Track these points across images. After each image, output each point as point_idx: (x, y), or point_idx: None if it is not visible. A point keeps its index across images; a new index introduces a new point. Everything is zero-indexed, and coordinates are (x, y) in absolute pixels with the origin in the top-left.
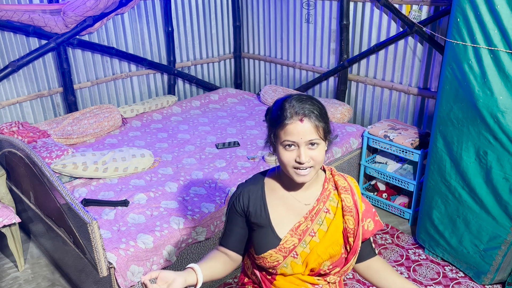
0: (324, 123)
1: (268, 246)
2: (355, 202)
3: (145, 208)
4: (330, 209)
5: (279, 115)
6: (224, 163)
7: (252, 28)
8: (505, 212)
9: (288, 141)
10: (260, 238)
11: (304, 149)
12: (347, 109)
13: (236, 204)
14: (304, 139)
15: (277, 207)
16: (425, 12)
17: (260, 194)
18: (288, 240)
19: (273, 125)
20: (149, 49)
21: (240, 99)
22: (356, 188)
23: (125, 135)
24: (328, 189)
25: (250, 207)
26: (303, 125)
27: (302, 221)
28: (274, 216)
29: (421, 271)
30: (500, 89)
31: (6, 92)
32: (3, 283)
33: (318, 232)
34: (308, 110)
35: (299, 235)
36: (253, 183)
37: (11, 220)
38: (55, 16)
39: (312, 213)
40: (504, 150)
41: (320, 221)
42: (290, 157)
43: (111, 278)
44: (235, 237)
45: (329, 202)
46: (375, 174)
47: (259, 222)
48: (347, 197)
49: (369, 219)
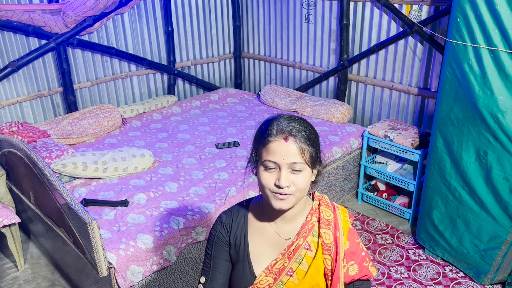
0: (312, 147)
1: (242, 283)
2: (335, 239)
3: (145, 208)
4: (312, 245)
5: (264, 131)
6: (224, 163)
7: (252, 28)
8: (505, 212)
9: (269, 161)
10: (236, 273)
11: (285, 172)
12: (347, 109)
13: (224, 233)
14: (287, 160)
15: (257, 240)
16: (425, 12)
17: (242, 225)
18: (263, 280)
19: (256, 142)
20: (149, 49)
21: (240, 99)
22: (343, 223)
23: (125, 135)
24: (311, 222)
25: (231, 237)
26: (287, 144)
27: (279, 258)
28: (253, 250)
29: (421, 271)
30: (500, 89)
31: (6, 92)
32: (3, 283)
33: (297, 272)
34: (296, 130)
35: (274, 274)
36: (237, 211)
37: (11, 220)
38: (55, 16)
39: (291, 250)
40: (504, 150)
41: (300, 259)
42: (270, 179)
43: (111, 278)
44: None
45: (311, 237)
46: (375, 174)
47: (237, 255)
48: (326, 233)
49: (352, 261)
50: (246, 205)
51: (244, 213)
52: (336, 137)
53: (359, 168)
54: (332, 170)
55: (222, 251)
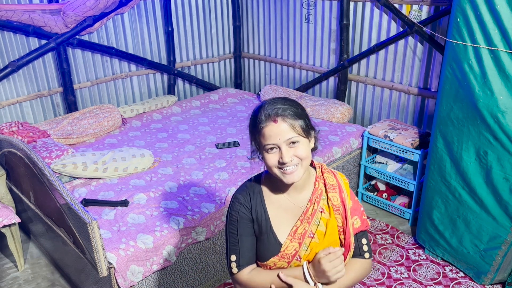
0: (301, 120)
1: (271, 253)
2: (342, 200)
3: (145, 208)
4: (325, 209)
5: (255, 121)
6: (224, 163)
7: (252, 28)
8: (505, 212)
9: (269, 145)
10: (262, 245)
11: (285, 149)
12: (347, 109)
13: (246, 211)
14: (283, 139)
15: (275, 212)
16: (425, 12)
17: (260, 200)
18: (289, 246)
19: (252, 132)
20: (149, 49)
21: (240, 99)
22: (345, 185)
23: (125, 135)
24: (319, 188)
25: (252, 213)
26: (278, 125)
27: (298, 225)
28: (274, 220)
29: (421, 271)
30: (500, 89)
31: (6, 92)
32: (3, 283)
33: (317, 233)
34: (281, 109)
35: (298, 239)
36: (250, 188)
37: (11, 220)
38: (55, 16)
39: (308, 215)
40: (504, 150)
41: (317, 222)
42: (274, 159)
43: (111, 278)
44: (253, 250)
45: (322, 201)
46: (375, 174)
47: (260, 228)
48: (334, 196)
49: (355, 216)
50: (258, 181)
51: (259, 190)
52: (336, 137)
53: (359, 168)
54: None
55: (246, 228)
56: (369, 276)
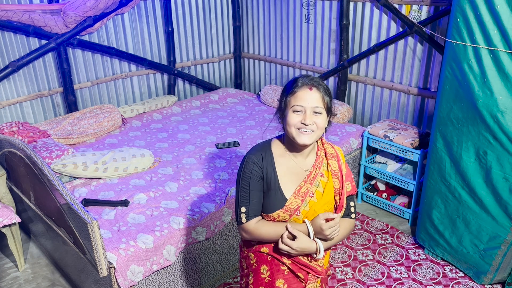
0: (329, 97)
1: (276, 206)
2: (339, 167)
3: (145, 208)
4: (324, 173)
5: (291, 84)
6: (224, 163)
7: (252, 28)
8: (505, 212)
9: (298, 105)
10: (269, 199)
11: (310, 113)
12: (347, 109)
13: (258, 169)
14: (311, 104)
15: (283, 172)
16: (425, 12)
17: (271, 160)
18: (293, 202)
19: (284, 93)
20: (149, 49)
21: (240, 99)
22: (341, 155)
23: (125, 135)
24: (321, 156)
25: (263, 171)
26: (311, 92)
27: (302, 185)
28: (282, 179)
29: (421, 271)
30: (500, 89)
31: (6, 92)
32: (3, 283)
33: (316, 193)
34: (317, 82)
35: (301, 196)
36: (263, 150)
37: (11, 220)
38: (55, 16)
39: (311, 177)
40: (504, 150)
41: (317, 184)
42: (296, 119)
43: (111, 278)
44: (260, 203)
45: (323, 167)
46: (375, 174)
47: (269, 185)
48: (333, 163)
49: (348, 181)
50: (268, 145)
51: (270, 152)
52: (336, 137)
53: (359, 168)
54: None
55: (257, 185)
56: (369, 276)
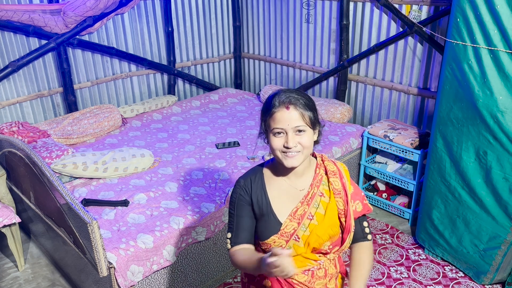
0: (310, 111)
1: (271, 232)
2: (343, 185)
3: (145, 208)
4: (324, 193)
5: (269, 105)
6: (224, 163)
7: (252, 28)
8: (505, 212)
9: (277, 128)
10: (263, 225)
11: (291, 135)
12: (347, 109)
13: (244, 194)
14: (291, 125)
15: (276, 194)
16: (425, 12)
17: (261, 184)
18: (288, 225)
19: (263, 115)
20: (149, 49)
21: (240, 99)
22: (345, 172)
23: (125, 135)
24: (320, 174)
25: (252, 196)
26: (289, 112)
27: (299, 206)
28: (274, 202)
29: (421, 271)
30: (500, 89)
31: (6, 92)
32: (3, 283)
33: (316, 215)
34: (295, 98)
35: (297, 219)
36: (253, 174)
37: (11, 220)
38: (55, 16)
39: (308, 198)
40: (504, 150)
41: (316, 205)
42: (279, 143)
43: (111, 278)
44: (248, 230)
45: (322, 186)
46: (375, 174)
47: (261, 209)
48: (335, 180)
49: (357, 201)
50: (260, 169)
51: (260, 175)
52: (336, 137)
53: (359, 168)
54: None
55: (244, 210)
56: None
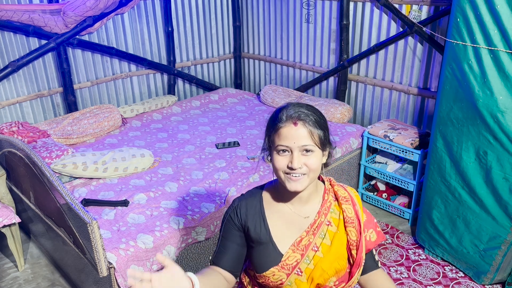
0: (321, 130)
1: (270, 263)
2: (356, 213)
3: (145, 208)
4: (332, 222)
5: (275, 118)
6: (224, 163)
7: (252, 28)
8: (505, 212)
9: (282, 146)
10: (261, 255)
11: (297, 154)
12: (347, 109)
13: (234, 217)
14: (298, 143)
15: (276, 222)
16: (425, 12)
17: (259, 209)
18: (290, 256)
19: (268, 129)
20: (149, 49)
21: (240, 99)
22: (356, 198)
23: (125, 135)
24: (328, 200)
25: (248, 222)
26: (296, 128)
27: (303, 236)
28: (274, 231)
29: (421, 271)
30: (500, 89)
31: (6, 92)
32: (3, 283)
33: (322, 247)
34: (304, 114)
35: (301, 250)
36: (251, 197)
37: (11, 220)
38: (55, 16)
39: (314, 227)
40: (504, 150)
41: (323, 235)
42: (283, 162)
43: (111, 278)
44: (231, 256)
45: (330, 214)
46: (375, 174)
47: (259, 238)
48: (348, 208)
49: (371, 229)
50: (260, 191)
51: (259, 198)
52: (336, 137)
53: (359, 168)
54: (332, 170)
55: (231, 234)
56: None
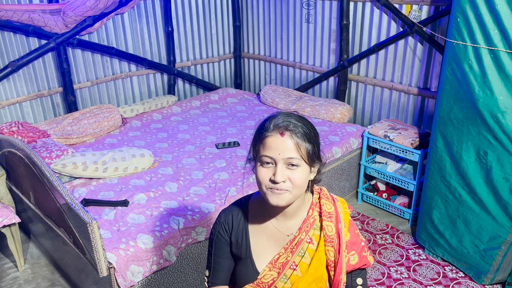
0: (309, 144)
1: (247, 280)
2: (338, 231)
3: (145, 208)
4: (314, 239)
5: (261, 127)
6: (224, 163)
7: (252, 28)
8: (505, 212)
9: (266, 157)
10: (240, 270)
11: (281, 167)
12: (347, 109)
13: (223, 233)
14: (282, 155)
15: (258, 237)
16: (425, 12)
17: (243, 223)
18: (267, 275)
19: (254, 138)
20: (149, 49)
21: (240, 99)
22: (344, 215)
23: (125, 135)
24: (312, 216)
25: (232, 236)
26: (283, 139)
27: (282, 253)
28: (255, 246)
29: (421, 271)
30: (500, 89)
31: (6, 92)
32: (3, 283)
33: (300, 265)
34: (293, 125)
35: (278, 268)
36: (236, 210)
37: (11, 220)
38: (55, 16)
39: (293, 244)
40: (504, 150)
41: (302, 253)
42: (266, 174)
43: (111, 278)
44: (227, 272)
45: (312, 230)
46: (375, 174)
47: (239, 253)
48: (329, 225)
49: (353, 251)
50: (246, 202)
51: (244, 211)
52: (336, 137)
53: (359, 168)
54: (332, 170)
55: (221, 250)
56: (369, 276)
